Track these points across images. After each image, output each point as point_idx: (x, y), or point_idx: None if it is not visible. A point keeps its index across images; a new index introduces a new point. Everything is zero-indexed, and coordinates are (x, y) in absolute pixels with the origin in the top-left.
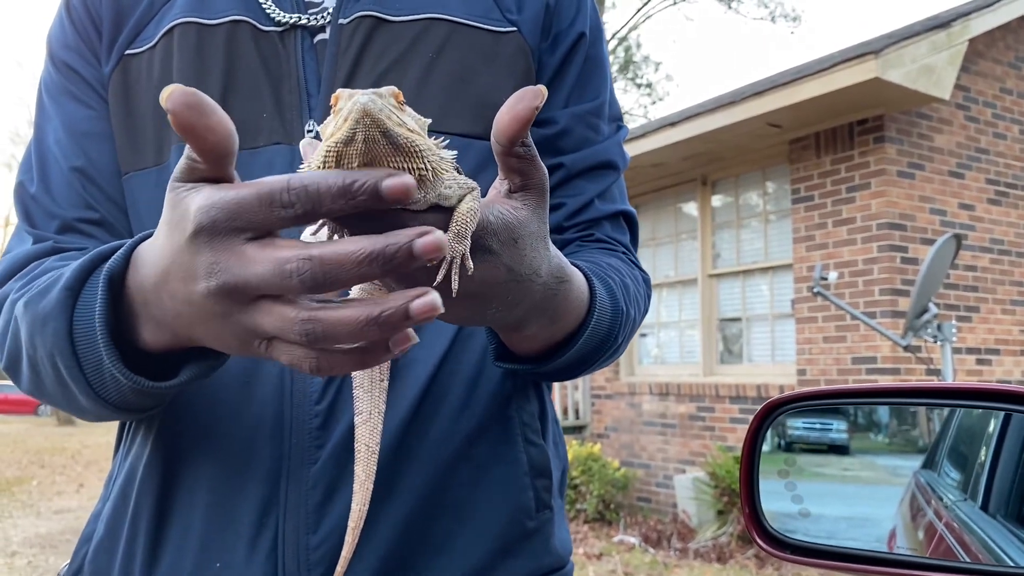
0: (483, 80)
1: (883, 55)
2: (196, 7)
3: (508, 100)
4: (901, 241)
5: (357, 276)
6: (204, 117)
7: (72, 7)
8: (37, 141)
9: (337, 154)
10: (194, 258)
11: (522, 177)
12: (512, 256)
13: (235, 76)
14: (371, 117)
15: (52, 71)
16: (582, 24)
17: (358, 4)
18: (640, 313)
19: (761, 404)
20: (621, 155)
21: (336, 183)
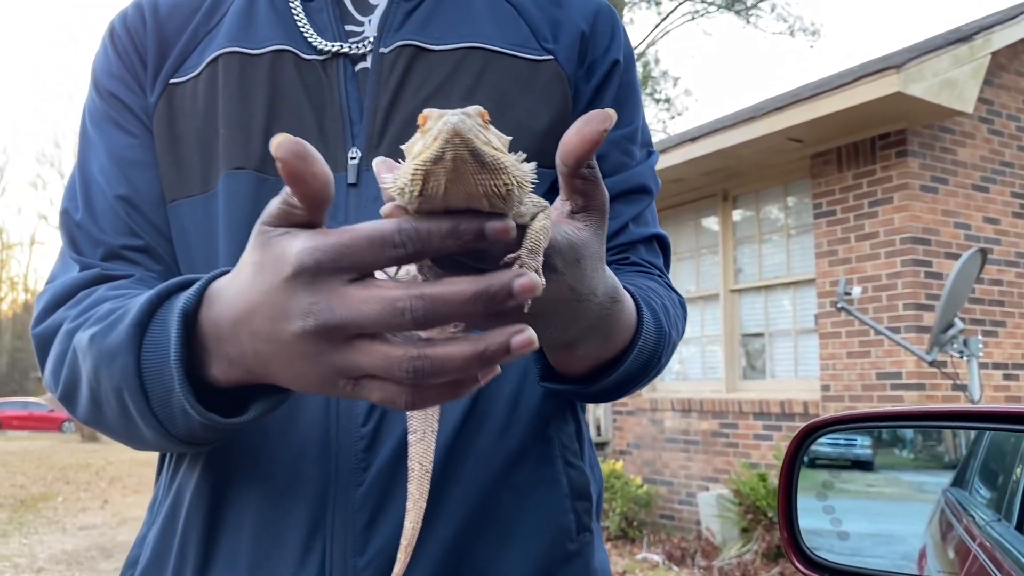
0: (521, 107)
1: (905, 69)
2: (240, 36)
3: (576, 123)
4: (925, 255)
5: (462, 314)
6: (310, 165)
7: (116, 36)
8: (81, 169)
9: (426, 172)
10: (289, 299)
11: (585, 198)
12: (575, 276)
13: (279, 105)
14: (460, 136)
15: (96, 99)
16: (616, 52)
17: (399, 33)
18: (679, 335)
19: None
20: (654, 179)
21: (445, 226)
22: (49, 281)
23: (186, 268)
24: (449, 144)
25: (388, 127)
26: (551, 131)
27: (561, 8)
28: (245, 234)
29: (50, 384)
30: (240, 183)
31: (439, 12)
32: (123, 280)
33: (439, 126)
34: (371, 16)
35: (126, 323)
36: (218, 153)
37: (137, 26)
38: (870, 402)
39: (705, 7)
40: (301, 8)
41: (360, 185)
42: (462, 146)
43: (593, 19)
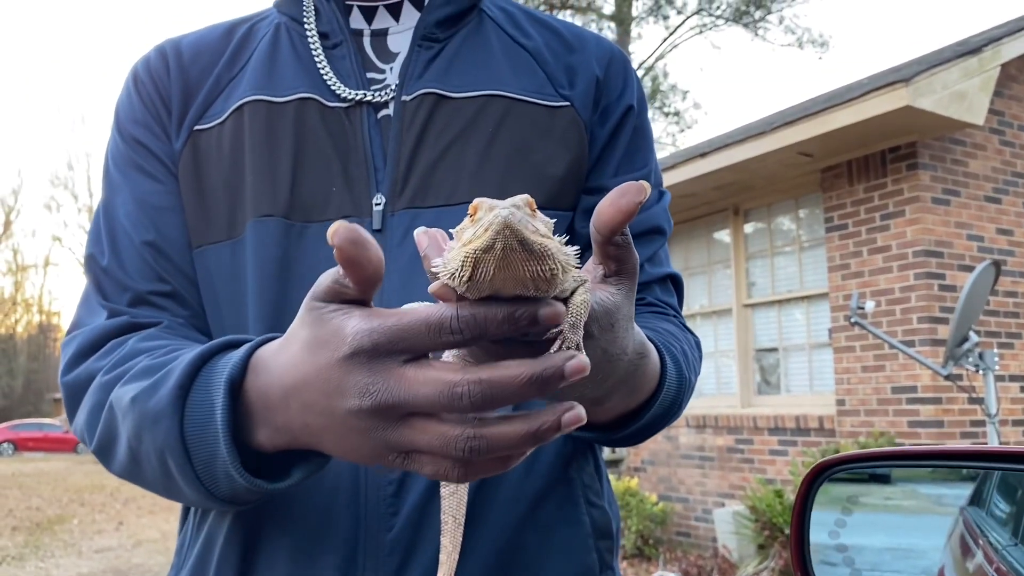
0: (540, 153)
1: (913, 83)
2: (264, 84)
3: (611, 193)
4: (938, 268)
5: (518, 397)
6: (365, 251)
7: (140, 82)
8: (107, 214)
9: (476, 259)
10: (346, 377)
11: (618, 264)
12: (608, 339)
13: (304, 152)
14: (511, 228)
15: (120, 144)
16: (630, 97)
17: (420, 81)
18: (696, 376)
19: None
20: (667, 220)
21: (501, 314)
22: (74, 327)
23: (213, 313)
24: (500, 236)
25: (411, 173)
26: (568, 176)
27: (575, 54)
28: (273, 281)
29: (83, 435)
30: (268, 230)
31: (459, 60)
32: (152, 329)
33: (490, 218)
34: (392, 64)
35: (169, 385)
36: (245, 200)
37: (160, 72)
38: (886, 416)
39: (713, 20)
40: (324, 56)
41: (385, 231)
42: (512, 237)
43: (607, 65)
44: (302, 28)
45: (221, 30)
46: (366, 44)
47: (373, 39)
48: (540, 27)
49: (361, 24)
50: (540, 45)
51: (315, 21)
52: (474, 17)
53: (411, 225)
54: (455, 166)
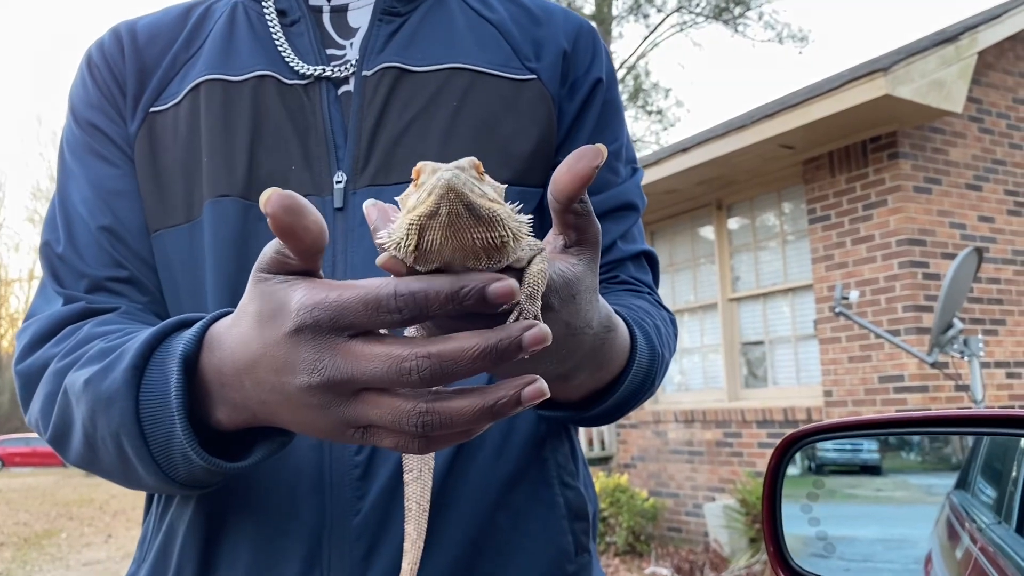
0: (507, 127)
1: (892, 72)
2: (221, 63)
3: (567, 159)
4: (921, 257)
5: (471, 370)
6: (301, 218)
7: (94, 66)
8: (62, 200)
9: (420, 227)
10: (293, 353)
11: (578, 232)
12: (570, 312)
13: (262, 130)
14: (455, 191)
15: (75, 129)
16: (598, 70)
17: (381, 55)
18: (671, 353)
19: (788, 428)
20: (640, 196)
21: (444, 290)
22: (30, 315)
23: (171, 298)
24: (444, 199)
25: (373, 150)
26: (537, 151)
27: (542, 27)
28: (231, 262)
29: (37, 425)
30: (225, 211)
31: (421, 33)
32: (109, 314)
33: (433, 181)
34: (352, 39)
35: (123, 366)
36: (201, 182)
37: (115, 54)
38: (873, 406)
39: (693, 18)
40: (282, 33)
41: (347, 209)
42: (457, 201)
43: (575, 37)
44: (259, 6)
45: (177, 11)
46: (326, 21)
47: (333, 15)
48: (506, 1)
49: (320, 0)
50: (505, 18)
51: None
52: None
53: None
54: (419, 141)
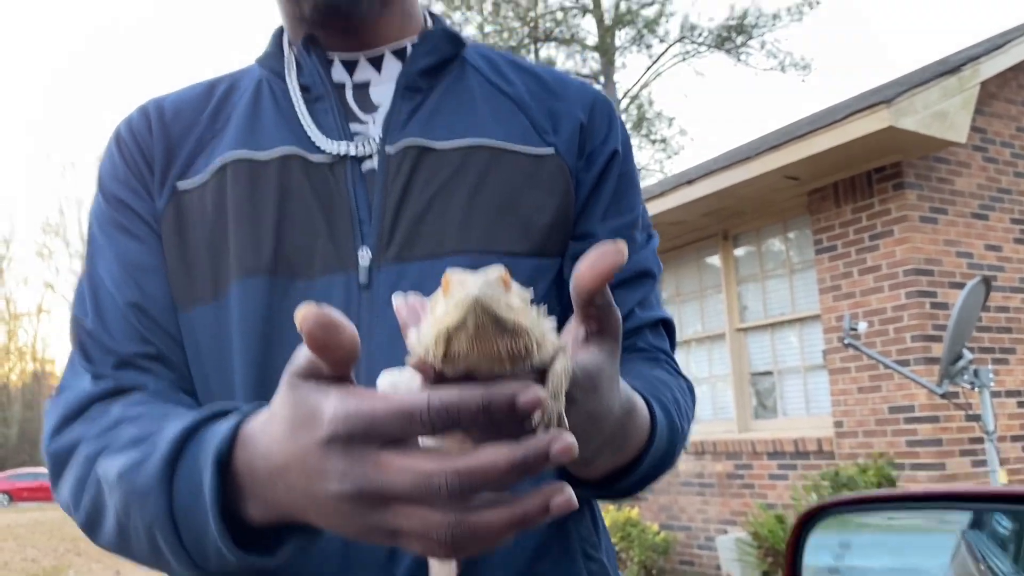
0: (526, 201)
1: (895, 104)
2: (246, 140)
3: (588, 256)
4: (929, 286)
5: (499, 485)
6: (336, 334)
7: (123, 142)
8: (90, 275)
9: (448, 336)
10: (325, 461)
11: (599, 324)
12: (592, 402)
13: (288, 208)
14: (482, 306)
15: (103, 205)
16: (615, 142)
17: (404, 132)
18: (689, 424)
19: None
20: (656, 263)
21: (474, 404)
22: (60, 391)
23: (198, 374)
24: (471, 313)
25: (397, 226)
26: (556, 223)
27: (558, 99)
28: (259, 340)
29: (68, 507)
30: (252, 289)
31: (442, 109)
32: (137, 393)
33: (461, 295)
34: (374, 115)
35: (156, 460)
36: (228, 260)
37: (143, 131)
38: (884, 436)
39: (696, 48)
40: (306, 110)
41: (372, 286)
42: (484, 314)
43: (590, 109)
44: (283, 83)
45: (202, 87)
46: (348, 97)
47: (355, 91)
48: (522, 73)
49: (343, 77)
50: (523, 92)
51: (297, 75)
52: (456, 66)
53: (399, 279)
54: (441, 218)
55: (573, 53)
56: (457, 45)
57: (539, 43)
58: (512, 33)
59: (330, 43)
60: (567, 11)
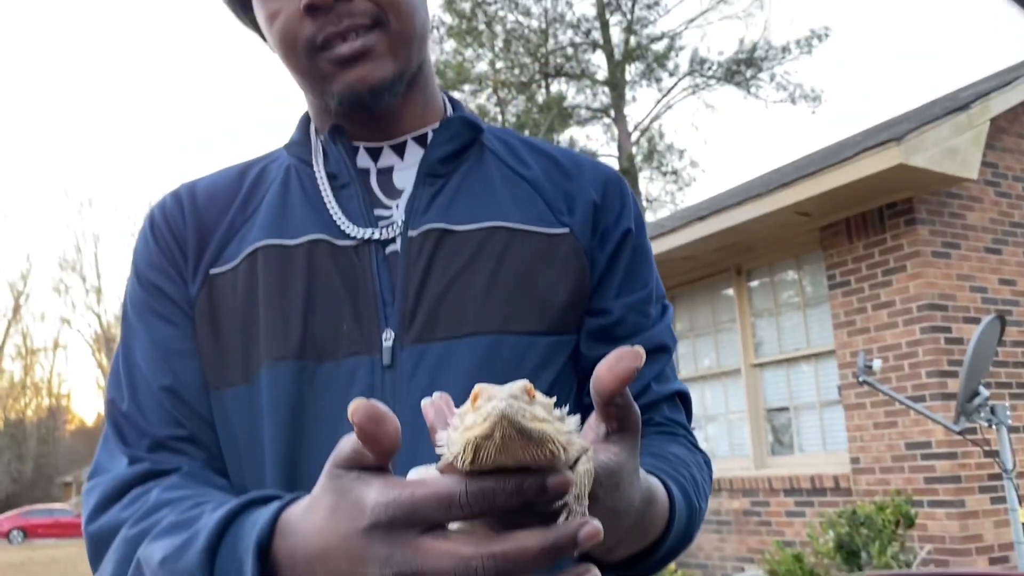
0: (543, 280)
1: (905, 141)
2: (276, 228)
3: (608, 359)
4: (943, 322)
5: (532, 567)
6: (383, 425)
7: (157, 227)
8: (126, 358)
9: (476, 446)
10: (368, 548)
11: (619, 422)
12: (614, 499)
13: (315, 292)
14: (508, 419)
15: (138, 288)
16: (627, 220)
17: (425, 216)
18: (706, 502)
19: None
20: (671, 337)
21: (509, 487)
22: (96, 472)
23: (231, 454)
24: (498, 426)
25: (419, 308)
26: (571, 301)
27: (572, 181)
28: (288, 422)
29: None
30: (282, 373)
31: (462, 193)
32: (173, 476)
33: (488, 408)
34: (398, 200)
35: (197, 547)
36: (259, 344)
37: (176, 216)
38: (901, 473)
39: (705, 80)
40: (332, 196)
41: (395, 366)
42: (510, 427)
43: (604, 189)
44: (311, 170)
45: (234, 172)
46: (373, 182)
47: (379, 177)
48: (538, 155)
49: (368, 163)
50: (539, 174)
51: (323, 163)
52: (475, 150)
53: (420, 359)
54: (461, 298)
55: (584, 88)
56: (475, 131)
57: (550, 78)
58: (523, 69)
59: (355, 132)
60: (577, 47)
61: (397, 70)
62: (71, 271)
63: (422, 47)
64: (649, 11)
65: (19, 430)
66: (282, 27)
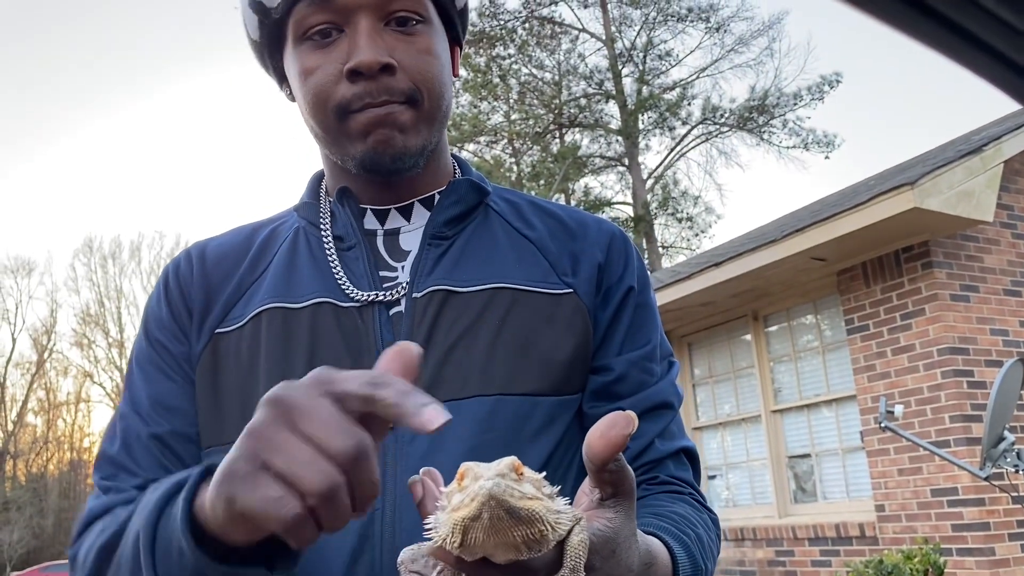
0: (545, 340)
1: (919, 185)
2: (282, 291)
3: (600, 425)
4: (965, 365)
5: None
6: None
7: (169, 287)
8: (121, 411)
9: (464, 527)
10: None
11: (614, 487)
12: (611, 566)
13: (318, 353)
14: (496, 500)
15: (144, 344)
16: (630, 279)
17: (430, 278)
18: (714, 562)
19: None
20: (675, 393)
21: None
22: (85, 517)
23: None
24: (485, 507)
25: (422, 369)
26: (574, 360)
27: (577, 241)
28: None
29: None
30: None
31: (467, 254)
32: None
33: (475, 488)
34: (404, 263)
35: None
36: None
37: (187, 277)
38: (928, 520)
39: (718, 128)
40: (338, 259)
41: (395, 428)
42: (498, 507)
43: (608, 248)
44: (319, 232)
45: (245, 233)
46: (379, 244)
47: (386, 238)
48: (543, 215)
49: (375, 225)
50: (543, 235)
51: (331, 225)
52: (480, 212)
53: None
54: (464, 359)
55: (598, 137)
56: (481, 193)
57: (564, 129)
58: (538, 120)
59: (363, 195)
60: (590, 97)
61: (420, 144)
62: (94, 326)
63: (444, 124)
64: (660, 62)
65: (40, 484)
66: (318, 84)
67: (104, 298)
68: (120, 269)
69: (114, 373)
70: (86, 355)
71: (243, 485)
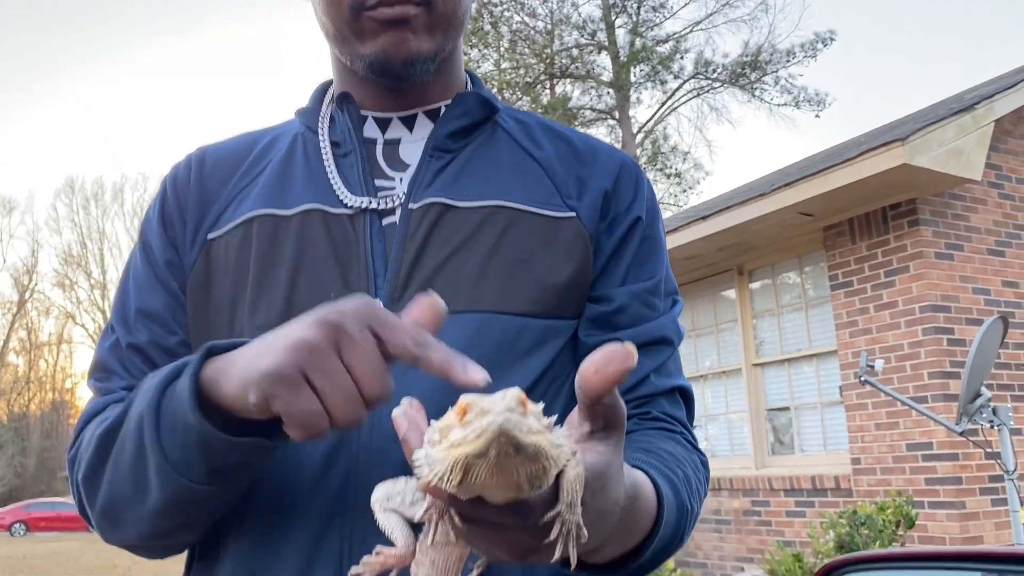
0: (542, 263)
1: (910, 142)
2: (273, 198)
3: (595, 358)
4: (946, 323)
5: None
6: None
7: (167, 196)
8: (112, 316)
9: (467, 464)
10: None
11: (605, 421)
12: (601, 500)
13: (303, 260)
14: (507, 435)
15: (139, 251)
16: (639, 209)
17: (428, 191)
18: (700, 504)
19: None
20: (676, 331)
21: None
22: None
23: None
24: (493, 444)
25: (411, 282)
26: (572, 285)
27: (586, 166)
28: None
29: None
30: None
31: (468, 170)
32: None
33: (483, 424)
34: (403, 174)
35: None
36: (244, 313)
37: (184, 183)
38: (902, 474)
39: (710, 83)
40: (334, 164)
41: None
42: (508, 444)
43: (617, 176)
44: (316, 137)
45: (247, 140)
46: (378, 153)
47: (386, 148)
48: (553, 137)
49: (375, 133)
50: (551, 156)
51: (329, 130)
52: (487, 128)
53: None
54: (455, 275)
55: (589, 89)
56: (490, 109)
57: (555, 79)
58: (528, 70)
59: (367, 101)
60: (583, 48)
61: (432, 49)
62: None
63: (459, 32)
64: (655, 14)
65: (23, 424)
66: None
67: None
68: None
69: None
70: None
71: (287, 391)
